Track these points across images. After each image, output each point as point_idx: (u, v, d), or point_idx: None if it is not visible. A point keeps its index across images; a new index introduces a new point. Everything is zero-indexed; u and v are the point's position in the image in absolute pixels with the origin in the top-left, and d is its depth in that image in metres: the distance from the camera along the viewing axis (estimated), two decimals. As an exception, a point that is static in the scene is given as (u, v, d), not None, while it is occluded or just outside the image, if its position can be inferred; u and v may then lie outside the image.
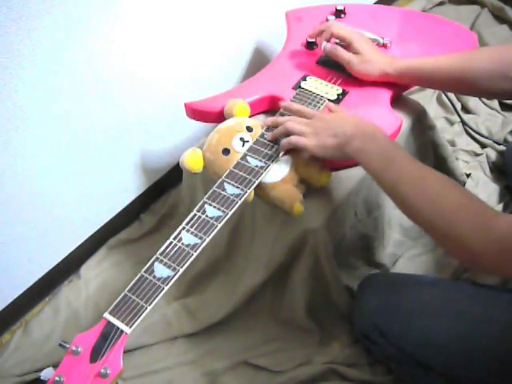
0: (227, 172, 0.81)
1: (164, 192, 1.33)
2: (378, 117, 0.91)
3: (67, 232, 1.13)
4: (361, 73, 0.95)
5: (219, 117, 0.92)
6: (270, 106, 0.98)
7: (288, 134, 0.82)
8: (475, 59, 0.87)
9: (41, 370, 1.00)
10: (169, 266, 0.68)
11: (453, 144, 1.36)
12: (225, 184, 0.79)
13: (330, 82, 0.98)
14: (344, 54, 0.95)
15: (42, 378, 0.57)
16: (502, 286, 1.06)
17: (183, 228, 0.72)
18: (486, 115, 1.44)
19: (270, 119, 0.87)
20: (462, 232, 0.64)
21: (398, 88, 0.98)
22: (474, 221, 0.63)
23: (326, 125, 0.80)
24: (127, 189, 1.23)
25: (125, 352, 0.61)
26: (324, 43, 0.98)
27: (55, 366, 1.02)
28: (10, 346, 1.07)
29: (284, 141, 0.81)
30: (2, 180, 0.92)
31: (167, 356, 1.04)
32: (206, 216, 0.74)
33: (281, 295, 1.02)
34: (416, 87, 1.44)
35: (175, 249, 0.70)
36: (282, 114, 0.89)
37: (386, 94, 0.95)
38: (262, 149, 0.84)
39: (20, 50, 0.82)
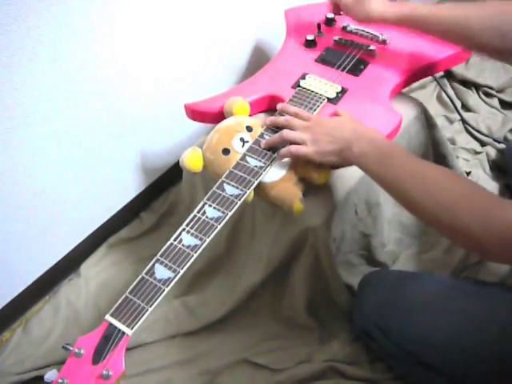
0: (227, 173, 0.80)
1: (164, 190, 1.33)
2: (377, 114, 0.91)
3: (67, 230, 1.13)
4: (359, 15, 0.94)
5: (219, 117, 0.92)
6: (270, 106, 0.98)
7: (284, 141, 0.81)
8: (475, 15, 0.85)
9: (40, 368, 1.02)
10: (169, 268, 0.68)
11: (453, 142, 1.37)
12: (224, 185, 0.79)
13: (329, 80, 0.97)
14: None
15: (45, 380, 0.57)
16: (503, 284, 1.06)
17: (183, 229, 0.72)
18: (486, 113, 1.45)
19: (270, 119, 0.86)
20: (465, 222, 0.64)
21: (397, 86, 0.98)
22: (476, 211, 0.64)
23: (325, 130, 0.79)
24: (127, 187, 1.23)
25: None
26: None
27: (55, 365, 1.02)
28: (9, 345, 1.07)
29: (283, 150, 0.81)
30: (3, 178, 0.92)
31: (166, 354, 1.04)
32: (206, 217, 0.74)
33: (281, 293, 1.02)
34: (416, 85, 1.44)
35: (175, 250, 0.70)
36: (281, 114, 0.89)
37: (385, 92, 0.95)
38: (262, 149, 0.83)
39: (20, 49, 0.82)
